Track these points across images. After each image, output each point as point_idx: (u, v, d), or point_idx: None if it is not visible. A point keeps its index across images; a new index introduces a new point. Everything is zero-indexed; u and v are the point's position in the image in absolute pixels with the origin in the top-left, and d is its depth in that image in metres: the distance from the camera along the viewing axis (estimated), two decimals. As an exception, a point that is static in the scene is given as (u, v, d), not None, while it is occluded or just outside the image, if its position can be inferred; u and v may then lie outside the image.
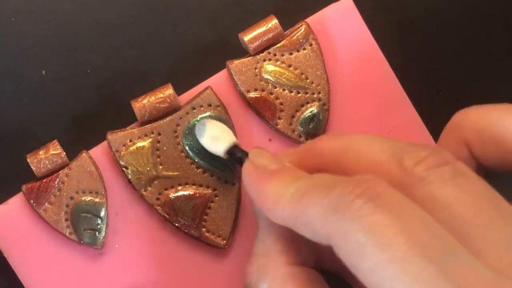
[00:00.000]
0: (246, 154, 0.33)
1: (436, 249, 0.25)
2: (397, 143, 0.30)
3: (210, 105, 0.38)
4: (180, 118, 0.38)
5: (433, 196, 0.27)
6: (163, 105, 0.38)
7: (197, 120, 0.38)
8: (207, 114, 0.38)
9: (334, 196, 0.26)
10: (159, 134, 0.38)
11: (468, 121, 0.32)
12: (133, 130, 0.38)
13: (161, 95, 0.38)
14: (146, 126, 0.38)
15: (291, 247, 0.31)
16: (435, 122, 0.41)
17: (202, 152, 0.38)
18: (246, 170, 0.31)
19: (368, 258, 0.25)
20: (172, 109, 0.38)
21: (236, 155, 0.34)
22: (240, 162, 0.33)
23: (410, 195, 0.27)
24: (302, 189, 0.28)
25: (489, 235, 0.26)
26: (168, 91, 0.38)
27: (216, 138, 0.35)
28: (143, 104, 0.38)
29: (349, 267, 0.26)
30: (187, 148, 0.38)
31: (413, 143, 0.29)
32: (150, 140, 0.38)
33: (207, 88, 0.39)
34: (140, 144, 0.38)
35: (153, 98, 0.38)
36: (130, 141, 0.38)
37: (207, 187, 0.38)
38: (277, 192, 0.29)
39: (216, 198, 0.38)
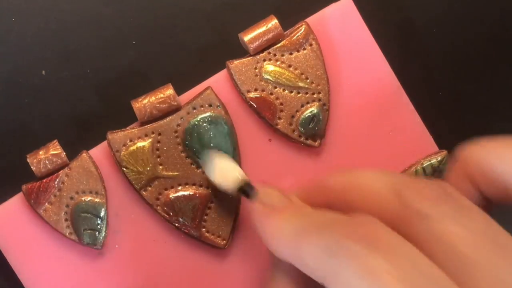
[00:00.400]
0: (253, 189, 0.33)
1: None
2: (399, 177, 0.30)
3: (210, 105, 0.38)
4: (181, 118, 0.38)
5: (432, 232, 0.27)
6: (163, 105, 0.38)
7: (197, 125, 0.38)
8: (207, 114, 0.38)
9: (330, 239, 0.26)
10: (159, 134, 0.38)
11: (471, 157, 0.31)
12: (133, 130, 0.38)
13: (161, 95, 0.38)
14: (146, 126, 0.38)
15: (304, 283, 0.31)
16: (435, 122, 0.41)
17: (203, 153, 0.38)
18: (254, 208, 0.32)
19: None
20: (172, 109, 0.38)
21: (246, 192, 0.34)
22: (248, 196, 0.33)
23: (409, 230, 0.27)
24: (301, 228, 0.28)
25: (488, 273, 0.26)
26: (168, 91, 0.38)
27: (226, 174, 0.35)
28: (143, 104, 0.38)
29: None
30: (187, 148, 0.38)
31: (416, 178, 0.30)
32: (150, 140, 0.38)
33: (207, 88, 0.39)
34: (140, 144, 0.38)
35: (153, 98, 0.38)
36: (130, 141, 0.38)
37: (207, 187, 0.38)
38: (279, 230, 0.29)
39: (216, 198, 0.38)
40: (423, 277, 0.25)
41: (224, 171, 0.36)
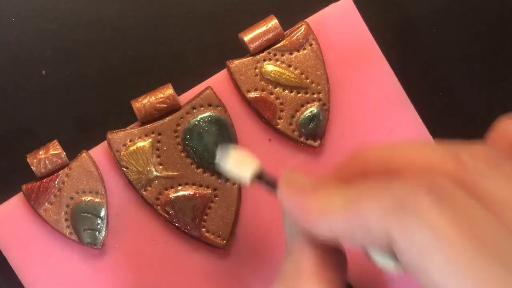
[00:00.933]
0: (273, 178, 0.33)
1: (505, 250, 0.24)
2: (446, 143, 0.29)
3: (210, 105, 0.38)
4: (180, 118, 0.38)
5: (496, 193, 0.26)
6: (163, 105, 0.38)
7: (197, 125, 0.38)
8: (207, 114, 0.38)
9: (397, 194, 0.26)
10: (159, 134, 0.38)
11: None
12: (133, 130, 0.38)
13: (161, 95, 0.38)
14: (146, 126, 0.38)
15: (324, 269, 0.30)
16: (435, 122, 0.41)
17: (203, 153, 0.38)
18: (285, 189, 0.31)
19: (434, 257, 0.24)
20: (172, 109, 0.38)
21: (264, 179, 0.33)
22: (270, 185, 0.33)
23: (471, 190, 0.26)
24: (353, 196, 0.27)
25: None
26: (168, 91, 0.38)
27: (241, 164, 0.34)
28: (143, 104, 0.38)
29: (409, 266, 0.25)
30: (187, 148, 0.38)
31: (470, 143, 0.28)
32: (150, 140, 0.38)
33: (207, 88, 0.39)
34: (140, 144, 0.38)
35: (153, 98, 0.38)
36: (130, 141, 0.38)
37: (207, 187, 0.38)
38: (325, 204, 0.28)
39: (216, 198, 0.38)
40: (496, 234, 0.25)
41: (240, 161, 0.34)
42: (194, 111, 0.38)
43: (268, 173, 0.32)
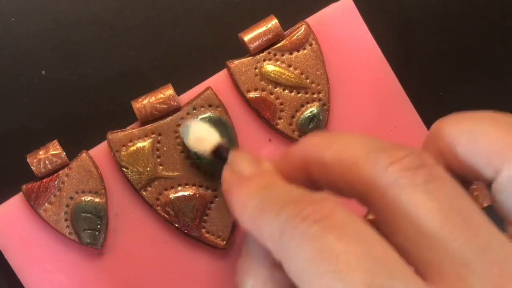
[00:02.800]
0: (228, 154, 0.33)
1: (379, 274, 0.24)
2: (378, 142, 0.28)
3: (210, 106, 0.38)
4: (181, 118, 0.38)
5: (400, 201, 0.26)
6: (163, 106, 0.38)
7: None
8: (208, 114, 0.38)
9: (283, 217, 0.26)
10: (160, 134, 0.38)
11: (442, 132, 0.30)
12: (133, 130, 0.38)
13: (162, 95, 0.38)
14: (147, 126, 0.38)
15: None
16: (435, 122, 0.41)
17: (203, 153, 0.38)
18: (223, 174, 0.31)
19: (310, 283, 0.25)
20: (173, 110, 0.38)
21: (222, 156, 0.33)
22: (223, 161, 0.33)
23: (380, 198, 0.27)
24: (260, 206, 0.28)
25: (451, 253, 0.25)
26: (169, 91, 0.38)
27: (201, 139, 0.34)
28: (143, 104, 0.38)
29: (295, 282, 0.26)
30: (187, 148, 0.38)
31: (396, 144, 0.28)
32: (150, 140, 0.38)
33: (207, 88, 0.39)
34: (140, 144, 0.38)
35: (153, 98, 0.38)
36: (130, 141, 0.38)
37: (207, 187, 0.38)
38: (242, 203, 0.29)
39: (216, 199, 0.38)
40: (376, 262, 0.25)
41: (200, 136, 0.35)
42: (194, 111, 0.38)
43: (227, 150, 0.32)
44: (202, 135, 0.35)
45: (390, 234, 0.26)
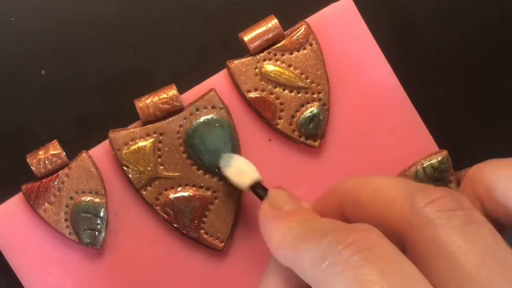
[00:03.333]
0: (266, 191, 0.34)
1: None
2: (413, 183, 0.29)
3: (213, 107, 0.38)
4: (183, 119, 0.38)
5: (437, 242, 0.26)
6: (166, 106, 0.38)
7: (200, 126, 0.38)
8: (210, 116, 0.38)
9: (324, 244, 0.26)
10: (161, 134, 0.38)
11: (479, 177, 0.30)
12: (135, 129, 0.38)
13: (165, 95, 0.38)
14: (149, 126, 0.38)
15: None
16: (435, 122, 0.41)
17: (204, 154, 0.38)
18: (262, 209, 0.32)
19: None
20: (175, 110, 0.38)
21: (257, 192, 0.34)
22: (261, 198, 0.34)
23: (415, 237, 0.27)
24: (302, 234, 0.28)
25: None
26: (172, 91, 0.38)
27: (241, 173, 0.36)
28: (146, 104, 0.38)
29: None
30: (189, 149, 0.38)
31: (432, 186, 0.28)
32: (152, 140, 0.38)
33: (210, 90, 0.39)
34: (141, 143, 0.38)
35: (156, 98, 0.38)
36: (132, 140, 0.38)
37: (207, 189, 0.38)
38: (282, 234, 0.29)
39: (216, 200, 0.38)
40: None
41: (240, 169, 0.36)
42: (197, 112, 0.38)
43: (263, 187, 0.33)
44: (243, 169, 0.36)
45: (425, 273, 0.26)
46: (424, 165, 0.39)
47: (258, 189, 0.34)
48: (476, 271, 0.26)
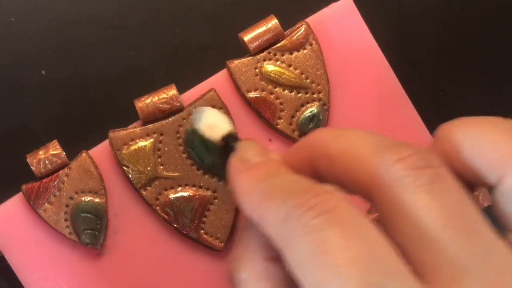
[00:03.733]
0: (238, 141, 0.33)
1: (376, 273, 0.24)
2: (385, 140, 0.28)
3: (213, 107, 0.38)
4: (183, 119, 0.38)
5: (402, 200, 0.26)
6: (166, 106, 0.38)
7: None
8: None
9: (287, 207, 0.26)
10: (161, 134, 0.38)
11: (448, 135, 0.29)
12: (135, 129, 0.38)
13: (165, 95, 0.38)
14: (149, 126, 0.38)
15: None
16: (435, 122, 0.41)
17: (204, 154, 0.38)
18: (230, 162, 0.31)
19: (308, 275, 0.25)
20: (175, 110, 0.38)
21: (230, 145, 0.33)
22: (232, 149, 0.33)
23: (383, 195, 0.27)
24: (266, 191, 0.28)
25: (449, 255, 0.25)
26: (172, 91, 0.38)
27: (213, 126, 0.34)
28: (146, 104, 0.38)
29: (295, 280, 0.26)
30: (188, 149, 0.38)
31: (403, 142, 0.28)
32: (152, 140, 0.38)
33: (210, 90, 0.39)
34: (141, 143, 0.38)
35: (156, 98, 0.38)
36: (132, 140, 0.38)
37: (207, 189, 0.38)
38: (247, 188, 0.28)
39: (216, 200, 0.38)
40: (373, 255, 0.24)
41: (213, 122, 0.34)
42: (197, 113, 0.38)
43: (236, 138, 0.33)
44: (214, 122, 0.34)
45: (391, 232, 0.26)
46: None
47: (231, 142, 0.33)
48: (440, 230, 0.25)
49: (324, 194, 0.26)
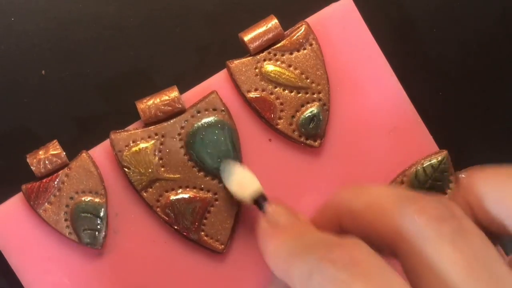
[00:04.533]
0: (267, 204, 0.34)
1: None
2: (405, 192, 0.29)
3: (215, 109, 0.38)
4: (185, 121, 0.38)
5: (426, 252, 0.26)
6: (168, 107, 0.38)
7: (201, 128, 0.38)
8: (212, 118, 0.38)
9: (312, 258, 0.26)
10: (163, 136, 0.38)
11: (472, 185, 0.30)
12: (136, 131, 0.38)
13: (166, 97, 0.38)
14: (150, 127, 0.38)
15: None
16: (435, 122, 0.41)
17: (205, 156, 0.38)
18: (261, 226, 0.32)
19: None
20: (177, 112, 0.38)
21: (260, 205, 0.34)
22: (262, 209, 0.34)
23: (406, 247, 0.27)
24: (294, 249, 0.28)
25: None
26: (174, 93, 0.38)
27: (243, 185, 0.36)
28: (147, 105, 0.38)
29: None
30: (190, 151, 0.38)
31: (422, 194, 0.28)
32: (153, 141, 0.38)
33: (212, 92, 0.38)
34: (143, 145, 0.38)
35: (158, 99, 0.38)
36: (133, 141, 0.38)
37: (208, 191, 0.38)
38: (276, 250, 0.29)
39: (216, 202, 0.38)
40: None
41: (242, 181, 0.36)
42: (198, 114, 0.38)
43: (265, 198, 0.34)
44: (244, 181, 0.36)
45: (416, 285, 0.26)
46: (424, 165, 0.40)
47: (261, 202, 0.34)
48: (463, 282, 0.25)
49: (348, 245, 0.26)
